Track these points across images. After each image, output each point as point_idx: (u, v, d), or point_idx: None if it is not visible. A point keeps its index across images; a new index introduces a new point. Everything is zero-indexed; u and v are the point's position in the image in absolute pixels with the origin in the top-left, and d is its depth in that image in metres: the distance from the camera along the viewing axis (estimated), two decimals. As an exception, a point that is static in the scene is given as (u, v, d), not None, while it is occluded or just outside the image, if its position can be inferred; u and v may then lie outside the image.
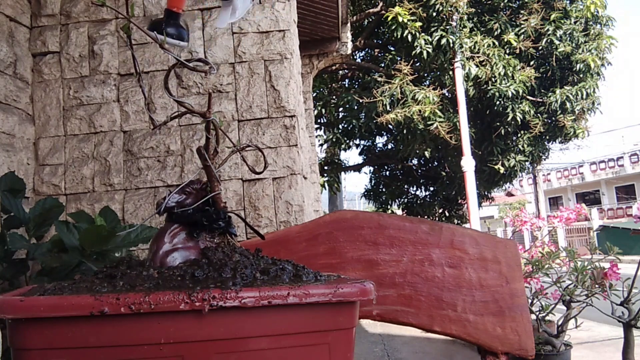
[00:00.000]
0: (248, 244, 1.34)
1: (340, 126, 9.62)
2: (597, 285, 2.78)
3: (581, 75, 8.24)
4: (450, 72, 8.09)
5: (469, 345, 3.18)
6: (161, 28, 0.84)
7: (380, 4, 8.49)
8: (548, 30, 8.14)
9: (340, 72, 10.09)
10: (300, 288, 0.60)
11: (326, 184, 9.69)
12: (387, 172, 11.56)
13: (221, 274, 0.72)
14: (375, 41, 9.88)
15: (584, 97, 8.11)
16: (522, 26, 8.19)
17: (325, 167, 10.16)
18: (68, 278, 1.81)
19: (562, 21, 8.21)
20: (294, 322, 0.62)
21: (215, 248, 0.80)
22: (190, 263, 0.78)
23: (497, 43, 7.95)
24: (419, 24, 7.58)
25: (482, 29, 8.36)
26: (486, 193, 10.57)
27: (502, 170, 8.52)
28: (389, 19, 7.60)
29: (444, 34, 7.60)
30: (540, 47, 8.28)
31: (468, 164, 7.75)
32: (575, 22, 8.40)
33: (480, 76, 7.75)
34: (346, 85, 10.94)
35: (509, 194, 30.09)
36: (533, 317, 2.89)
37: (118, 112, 2.59)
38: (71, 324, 0.63)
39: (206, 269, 0.74)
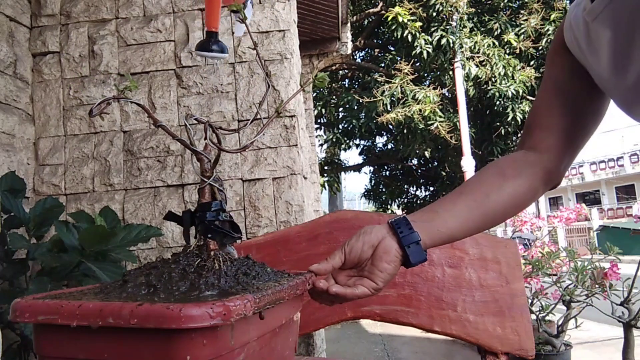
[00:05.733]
0: (248, 244, 1.34)
1: (340, 126, 9.62)
2: (597, 285, 2.78)
3: (581, 75, 8.24)
4: (450, 72, 8.09)
5: (469, 345, 3.18)
6: (207, 47, 1.05)
7: (380, 4, 8.49)
8: (548, 30, 8.14)
9: (340, 72, 10.08)
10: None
11: (326, 184, 9.69)
12: (387, 172, 11.56)
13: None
14: (375, 41, 9.87)
15: (584, 97, 8.11)
16: (522, 26, 8.19)
17: (325, 167, 10.15)
18: (68, 278, 1.81)
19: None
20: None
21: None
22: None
23: (497, 43, 7.95)
24: (419, 24, 7.58)
25: (482, 29, 8.36)
26: (486, 193, 10.55)
27: (502, 170, 8.52)
28: (389, 19, 7.59)
29: (444, 34, 7.59)
30: (540, 47, 8.28)
31: (468, 164, 7.75)
32: (575, 22, 8.40)
33: (480, 76, 7.75)
34: (346, 85, 10.94)
35: (509, 194, 29.97)
36: (533, 317, 2.89)
37: (118, 112, 2.59)
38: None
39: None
